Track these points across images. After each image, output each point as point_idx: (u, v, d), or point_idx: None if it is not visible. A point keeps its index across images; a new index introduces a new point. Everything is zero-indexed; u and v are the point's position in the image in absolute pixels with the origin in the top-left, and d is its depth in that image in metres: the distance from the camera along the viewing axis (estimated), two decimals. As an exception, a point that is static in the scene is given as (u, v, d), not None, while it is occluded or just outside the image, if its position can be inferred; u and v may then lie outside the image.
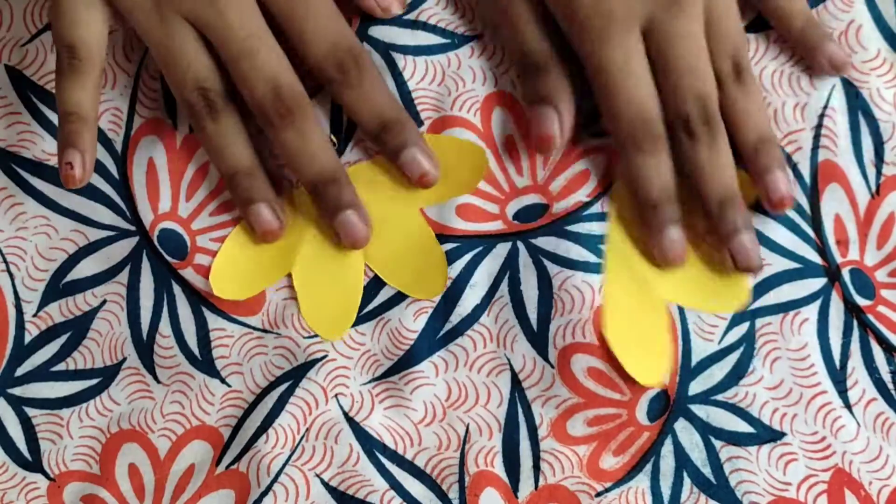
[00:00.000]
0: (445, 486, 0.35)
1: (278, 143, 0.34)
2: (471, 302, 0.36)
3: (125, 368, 0.36)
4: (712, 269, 0.35)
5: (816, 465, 0.34)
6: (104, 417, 0.36)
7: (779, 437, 0.34)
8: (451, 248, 0.36)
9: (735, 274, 0.35)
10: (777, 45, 0.37)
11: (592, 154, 0.37)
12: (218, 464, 0.35)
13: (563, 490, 0.34)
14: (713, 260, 0.35)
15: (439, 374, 0.35)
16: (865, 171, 0.36)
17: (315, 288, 0.35)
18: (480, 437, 0.35)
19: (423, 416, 0.35)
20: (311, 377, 0.35)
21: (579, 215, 0.36)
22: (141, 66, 0.38)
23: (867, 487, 0.34)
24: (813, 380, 0.35)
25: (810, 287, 0.35)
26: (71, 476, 0.36)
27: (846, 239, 0.36)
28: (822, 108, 0.36)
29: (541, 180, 0.36)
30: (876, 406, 0.34)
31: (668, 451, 0.34)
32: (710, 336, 0.35)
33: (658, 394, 0.35)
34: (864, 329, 0.35)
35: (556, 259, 0.36)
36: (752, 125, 0.34)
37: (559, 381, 0.35)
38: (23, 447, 0.36)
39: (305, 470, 0.35)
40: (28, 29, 0.38)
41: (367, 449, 0.35)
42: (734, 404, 0.35)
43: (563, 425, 0.35)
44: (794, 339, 0.35)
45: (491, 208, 0.36)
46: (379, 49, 0.37)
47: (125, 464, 0.36)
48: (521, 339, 0.35)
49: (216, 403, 0.36)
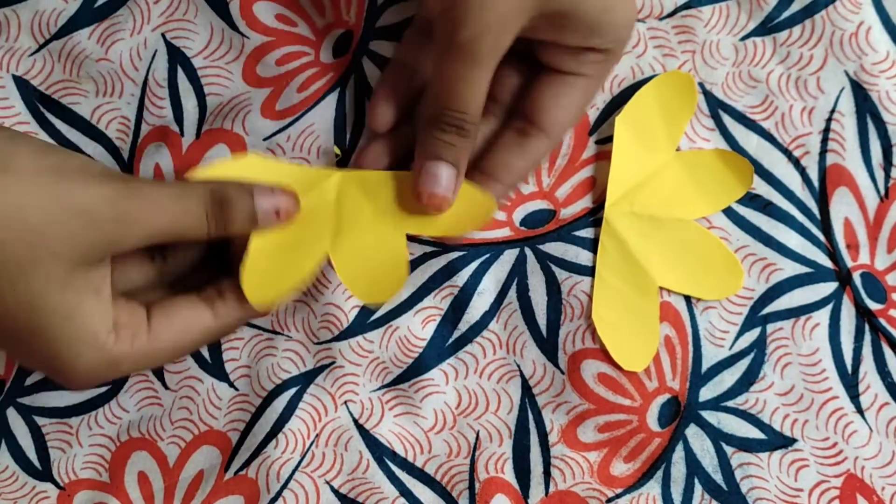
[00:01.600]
0: (456, 493, 0.34)
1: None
2: (479, 309, 0.35)
3: (134, 375, 0.36)
4: (705, 254, 0.35)
5: (828, 470, 0.34)
6: (113, 425, 0.36)
7: (790, 443, 0.34)
8: (457, 256, 0.36)
9: (729, 260, 0.35)
10: (784, 49, 0.37)
11: (598, 161, 0.37)
12: (227, 469, 0.35)
13: (574, 496, 0.34)
14: (706, 246, 0.35)
15: (449, 382, 0.35)
16: (874, 175, 0.36)
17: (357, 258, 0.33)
18: (491, 443, 0.35)
19: (433, 423, 0.35)
20: (320, 383, 0.35)
21: (587, 220, 0.36)
22: (148, 73, 0.38)
23: (880, 493, 0.33)
24: (824, 385, 0.34)
25: (821, 292, 0.35)
26: (80, 484, 0.36)
27: (856, 243, 0.35)
28: (830, 112, 0.36)
29: (546, 187, 0.36)
30: (888, 410, 0.34)
31: (679, 458, 0.34)
32: (721, 342, 0.35)
33: (669, 400, 0.35)
34: (876, 333, 0.35)
35: (564, 264, 0.36)
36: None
37: (569, 387, 0.35)
38: (32, 456, 0.36)
39: (315, 477, 0.35)
40: (35, 39, 0.38)
41: (376, 456, 0.35)
42: (745, 410, 0.34)
43: (574, 431, 0.35)
44: (806, 344, 0.35)
45: (498, 215, 0.36)
46: (380, 63, 0.37)
47: (134, 471, 0.36)
48: (530, 346, 0.35)
49: (223, 407, 0.36)
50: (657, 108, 0.37)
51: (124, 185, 0.29)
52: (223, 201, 0.31)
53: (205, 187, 0.31)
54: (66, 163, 0.29)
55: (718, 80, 0.37)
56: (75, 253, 0.28)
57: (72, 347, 0.29)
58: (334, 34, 0.38)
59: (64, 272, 0.28)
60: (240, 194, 0.31)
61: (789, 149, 0.36)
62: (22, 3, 0.38)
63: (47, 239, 0.27)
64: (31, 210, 0.27)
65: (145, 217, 0.29)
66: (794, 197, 0.36)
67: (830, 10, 0.36)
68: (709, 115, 0.37)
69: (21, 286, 0.28)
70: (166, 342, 0.31)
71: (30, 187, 0.27)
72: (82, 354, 0.29)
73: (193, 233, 0.30)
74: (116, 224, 0.28)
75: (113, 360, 0.30)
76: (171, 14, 0.38)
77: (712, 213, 0.36)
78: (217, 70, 0.38)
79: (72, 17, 0.38)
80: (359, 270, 0.33)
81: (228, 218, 0.31)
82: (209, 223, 0.30)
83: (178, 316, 0.31)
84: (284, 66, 0.37)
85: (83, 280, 0.29)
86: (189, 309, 0.32)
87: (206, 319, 0.32)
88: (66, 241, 0.28)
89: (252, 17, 0.38)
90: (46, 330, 0.28)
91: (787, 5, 0.37)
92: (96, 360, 0.29)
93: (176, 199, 0.30)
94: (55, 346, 0.29)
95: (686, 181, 0.36)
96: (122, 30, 0.38)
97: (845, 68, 0.36)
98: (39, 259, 0.27)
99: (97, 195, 0.28)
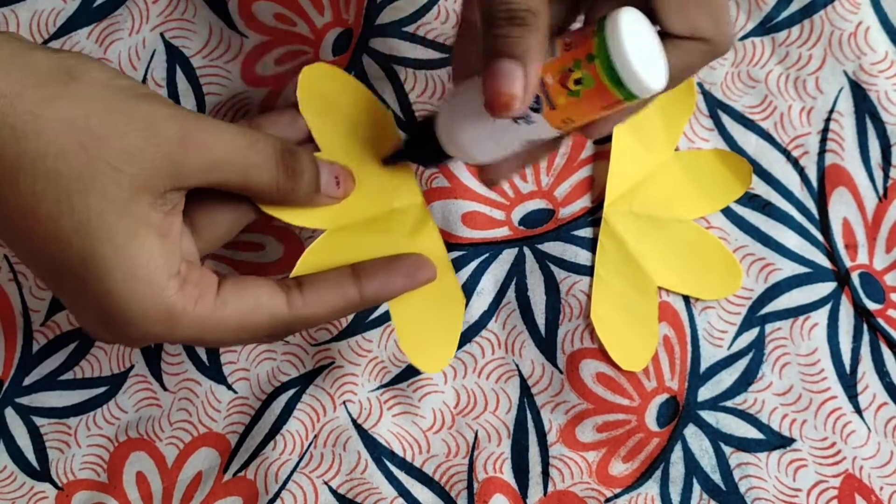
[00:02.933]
0: (454, 493, 0.34)
1: None
2: (478, 308, 0.35)
3: (132, 376, 0.36)
4: (704, 254, 0.35)
5: (826, 470, 0.34)
6: (112, 426, 0.36)
7: (788, 443, 0.34)
8: (457, 255, 0.36)
9: (727, 260, 0.35)
10: (783, 49, 0.37)
11: (597, 160, 0.37)
12: (225, 471, 0.35)
13: (573, 496, 0.34)
14: (705, 246, 0.35)
15: (448, 381, 0.35)
16: (873, 175, 0.36)
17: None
18: (489, 443, 0.35)
19: (431, 423, 0.35)
20: (319, 384, 0.35)
21: (586, 220, 0.36)
22: (147, 72, 0.38)
23: (878, 493, 0.33)
24: (823, 385, 0.34)
25: (820, 291, 0.35)
26: (79, 485, 0.36)
27: (855, 243, 0.35)
28: (829, 112, 0.36)
29: (545, 186, 0.36)
30: (887, 410, 0.34)
31: (677, 458, 0.34)
32: (720, 342, 0.35)
33: (667, 400, 0.35)
34: (875, 333, 0.35)
35: (563, 264, 0.36)
36: None
37: (568, 387, 0.35)
38: (31, 456, 0.36)
39: (314, 477, 0.35)
40: (34, 39, 0.38)
41: (375, 456, 0.35)
42: (744, 410, 0.34)
43: (573, 431, 0.35)
44: (804, 344, 0.35)
45: (497, 215, 0.36)
46: (380, 61, 0.37)
47: (133, 472, 0.36)
48: (529, 345, 0.35)
49: (223, 410, 0.36)
50: (656, 107, 0.37)
51: (193, 113, 0.27)
52: (294, 151, 0.29)
53: (274, 137, 0.29)
54: (136, 87, 0.27)
55: (717, 80, 0.37)
56: (139, 172, 0.26)
57: (126, 283, 0.26)
58: (333, 33, 0.38)
59: (126, 193, 0.26)
60: (307, 153, 0.29)
61: (788, 149, 0.36)
62: (20, 2, 0.38)
63: (110, 151, 0.25)
64: (95, 119, 0.25)
65: (212, 142, 0.27)
66: (793, 197, 0.36)
67: (829, 10, 0.36)
68: (708, 115, 0.37)
69: (79, 203, 0.25)
70: (232, 315, 0.28)
71: (96, 98, 0.26)
72: (136, 292, 0.26)
73: (262, 174, 0.28)
74: (180, 143, 0.26)
75: (171, 310, 0.27)
76: (169, 14, 0.38)
77: (711, 212, 0.36)
78: (216, 69, 0.38)
79: (70, 17, 0.38)
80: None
81: (298, 168, 0.29)
82: (279, 167, 0.28)
83: (250, 291, 0.28)
84: (283, 65, 0.37)
85: (147, 211, 0.26)
86: (263, 288, 0.29)
87: (279, 304, 0.29)
88: (129, 155, 0.26)
89: (251, 16, 0.38)
90: (101, 259, 0.26)
91: (785, 5, 0.37)
92: (152, 304, 0.26)
93: (245, 135, 0.28)
94: (108, 281, 0.26)
95: (685, 181, 0.36)
96: (120, 29, 0.38)
97: (844, 68, 0.36)
98: (100, 172, 0.25)
99: (164, 112, 0.26)
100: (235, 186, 0.28)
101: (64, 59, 0.26)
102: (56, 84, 0.25)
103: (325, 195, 0.30)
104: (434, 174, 0.36)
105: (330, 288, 0.30)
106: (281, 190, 0.29)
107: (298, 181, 0.29)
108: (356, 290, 0.30)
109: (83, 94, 0.26)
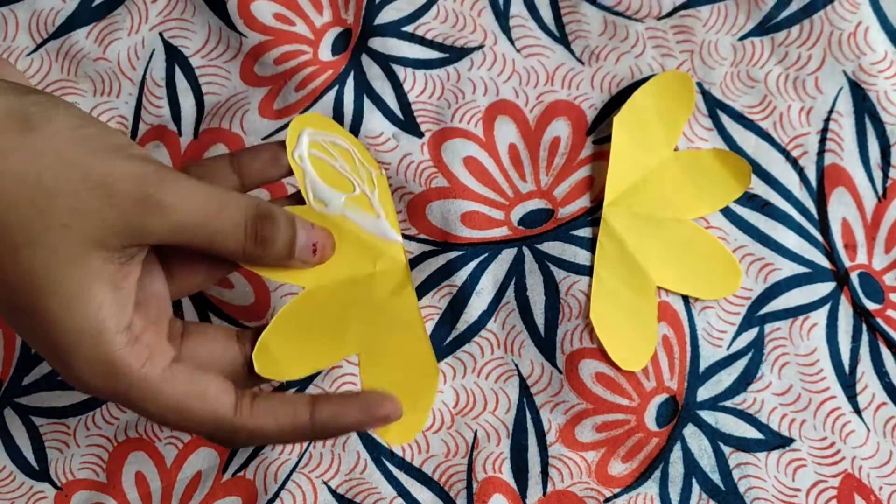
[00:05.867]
0: (453, 493, 0.34)
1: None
2: (477, 308, 0.35)
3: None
4: (703, 254, 0.35)
5: (826, 470, 0.34)
6: (111, 426, 0.36)
7: (787, 443, 0.34)
8: (456, 255, 0.36)
9: (727, 260, 0.35)
10: (783, 49, 0.37)
11: (596, 160, 0.37)
12: (224, 471, 0.35)
13: (572, 496, 0.34)
14: (704, 246, 0.35)
15: (447, 381, 0.35)
16: (872, 175, 0.36)
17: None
18: (488, 443, 0.35)
19: (430, 423, 0.35)
20: (318, 384, 0.35)
21: (585, 220, 0.36)
22: (145, 72, 0.38)
23: (877, 492, 0.33)
24: (822, 385, 0.34)
25: (819, 292, 0.35)
26: (78, 485, 0.36)
27: (854, 243, 0.35)
28: (828, 112, 0.36)
29: (544, 186, 0.36)
30: (886, 410, 0.34)
31: (676, 458, 0.34)
32: (719, 342, 0.35)
33: (666, 399, 0.35)
34: (874, 333, 0.35)
35: (562, 264, 0.36)
36: None
37: (567, 387, 0.35)
38: (30, 456, 0.36)
39: (313, 477, 0.35)
40: (33, 38, 0.38)
41: (374, 456, 0.35)
42: (743, 410, 0.34)
43: (572, 431, 0.35)
44: (803, 344, 0.35)
45: (496, 214, 0.36)
46: (379, 61, 0.37)
47: (132, 472, 0.36)
48: (528, 345, 0.35)
49: (222, 410, 0.36)
50: (655, 107, 0.37)
51: (158, 170, 0.26)
52: (268, 216, 0.28)
53: (249, 198, 0.28)
54: (102, 137, 0.26)
55: (717, 79, 0.37)
56: (89, 230, 0.25)
57: (70, 334, 0.25)
58: (332, 33, 0.38)
59: (77, 249, 0.25)
60: (284, 216, 0.29)
61: (787, 149, 0.36)
62: (20, 2, 0.38)
63: (59, 208, 0.25)
64: (47, 174, 0.25)
65: (175, 204, 0.26)
66: (792, 197, 0.36)
67: (829, 10, 0.36)
68: (707, 114, 0.37)
69: (25, 255, 0.25)
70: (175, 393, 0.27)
71: (52, 151, 0.25)
72: (80, 345, 0.26)
73: (228, 241, 0.27)
74: (138, 205, 0.25)
75: (114, 364, 0.26)
76: (168, 13, 0.38)
77: (710, 212, 0.36)
78: (215, 69, 0.38)
79: (69, 17, 0.38)
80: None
81: (269, 235, 0.28)
82: (247, 234, 0.28)
83: (201, 378, 0.28)
84: (282, 64, 0.37)
85: (100, 265, 0.26)
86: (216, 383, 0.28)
87: (225, 405, 0.28)
88: (79, 213, 0.25)
89: (250, 16, 0.38)
90: (47, 311, 0.25)
91: (785, 5, 0.37)
92: (95, 356, 0.26)
93: (213, 198, 0.27)
94: (54, 332, 0.26)
95: (684, 181, 0.36)
96: (119, 29, 0.38)
97: (843, 68, 0.36)
98: (48, 228, 0.25)
99: (122, 171, 0.25)
100: (200, 248, 0.27)
101: (27, 106, 0.25)
102: (10, 133, 0.25)
103: (298, 260, 0.29)
104: (434, 174, 0.36)
105: (282, 404, 0.28)
106: (247, 255, 0.28)
107: (268, 248, 0.28)
108: (307, 412, 0.28)
109: (38, 147, 0.25)
